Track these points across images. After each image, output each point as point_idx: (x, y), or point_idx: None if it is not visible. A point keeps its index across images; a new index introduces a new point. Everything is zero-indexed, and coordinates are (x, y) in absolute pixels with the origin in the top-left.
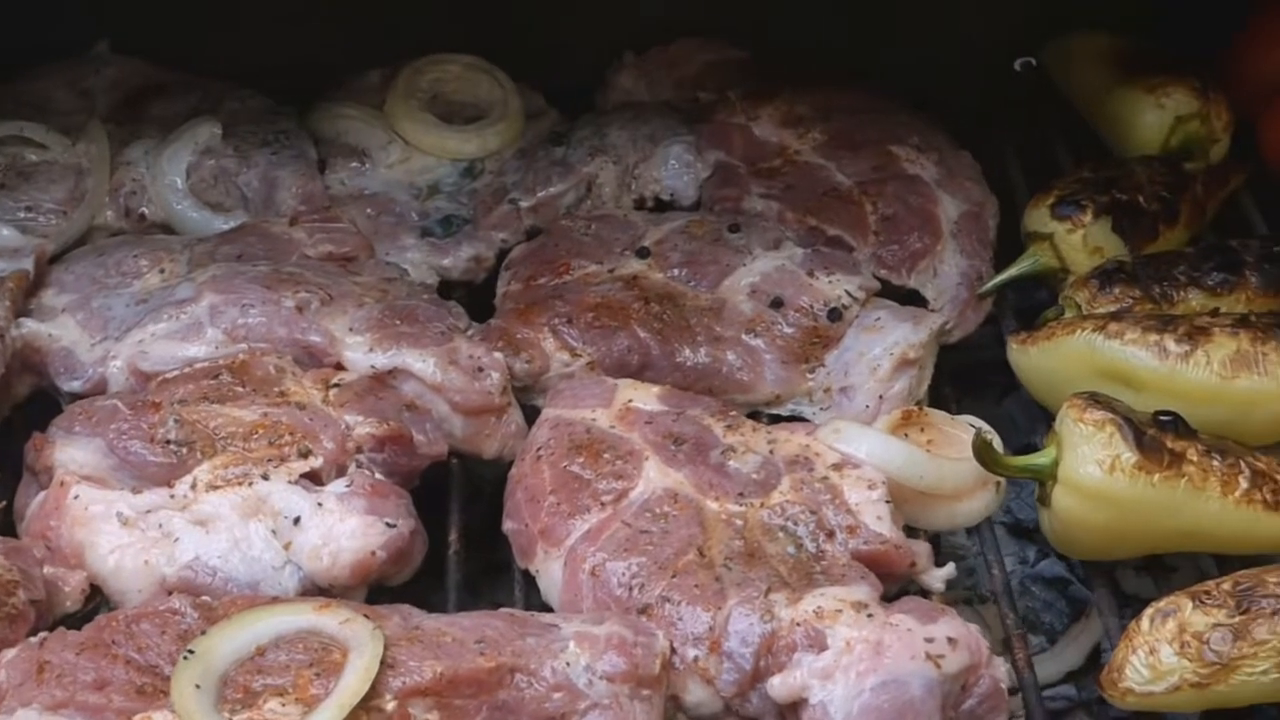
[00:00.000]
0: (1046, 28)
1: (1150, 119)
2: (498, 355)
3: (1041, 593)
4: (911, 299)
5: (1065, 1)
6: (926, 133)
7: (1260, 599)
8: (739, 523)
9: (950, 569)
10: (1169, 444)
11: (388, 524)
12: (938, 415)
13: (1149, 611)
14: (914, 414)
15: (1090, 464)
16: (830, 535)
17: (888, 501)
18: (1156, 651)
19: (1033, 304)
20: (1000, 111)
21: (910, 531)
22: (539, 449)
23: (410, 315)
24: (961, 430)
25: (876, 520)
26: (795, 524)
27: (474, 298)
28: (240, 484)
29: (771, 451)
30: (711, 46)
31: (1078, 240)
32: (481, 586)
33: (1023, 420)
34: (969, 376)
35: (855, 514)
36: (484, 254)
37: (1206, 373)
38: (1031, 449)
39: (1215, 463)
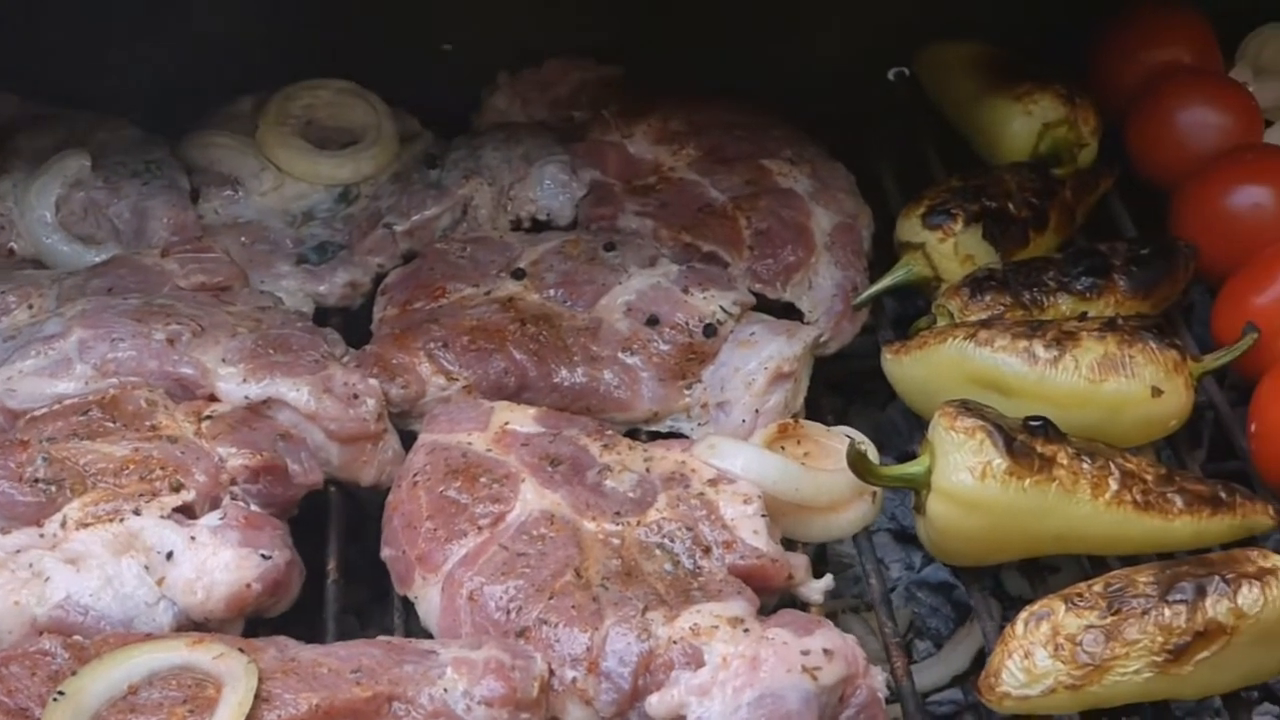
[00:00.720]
0: (921, 37)
1: (1018, 126)
2: (373, 382)
3: (928, 598)
4: (788, 312)
5: (937, 10)
6: (799, 146)
7: (1130, 599)
8: (616, 542)
9: (828, 580)
10: (1039, 449)
11: (263, 556)
12: (814, 427)
13: (1023, 615)
14: (790, 427)
15: (962, 471)
16: (707, 551)
17: (764, 515)
18: (1031, 655)
19: (913, 313)
20: (875, 122)
21: (790, 544)
22: (415, 475)
23: (284, 344)
24: (838, 442)
25: (753, 535)
26: (672, 541)
27: (351, 324)
28: (111, 520)
29: (648, 469)
30: (585, 65)
31: (949, 249)
32: (364, 615)
33: (906, 428)
34: (853, 386)
35: (731, 529)
36: (359, 279)
37: (1075, 377)
38: (913, 457)
39: (1085, 465)
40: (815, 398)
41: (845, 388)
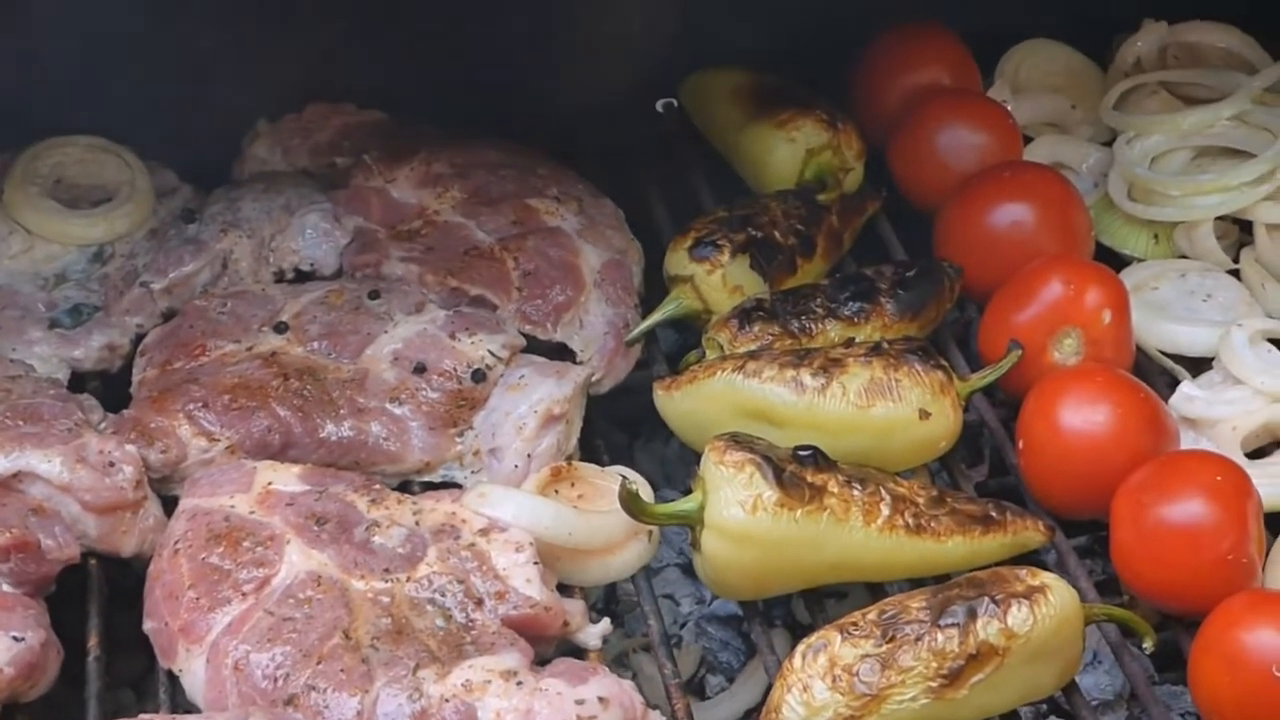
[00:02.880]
0: (687, 66)
1: (782, 154)
2: (130, 448)
3: (718, 632)
4: (560, 352)
5: (702, 39)
6: (566, 183)
7: (904, 625)
8: (386, 600)
9: (605, 625)
10: (809, 478)
11: (14, 638)
12: (588, 469)
13: (800, 648)
14: (563, 470)
15: (733, 506)
16: (479, 603)
17: (536, 563)
18: (810, 688)
19: (695, 346)
20: (646, 155)
21: (569, 589)
22: (176, 542)
23: (34, 414)
24: (612, 482)
25: (526, 583)
26: (443, 595)
27: (111, 388)
28: None
29: (417, 522)
30: (346, 110)
31: (717, 280)
32: (140, 688)
33: (693, 462)
34: (638, 421)
35: (504, 579)
36: (117, 341)
37: (843, 404)
38: None
39: (856, 492)
40: (599, 435)
41: (631, 423)
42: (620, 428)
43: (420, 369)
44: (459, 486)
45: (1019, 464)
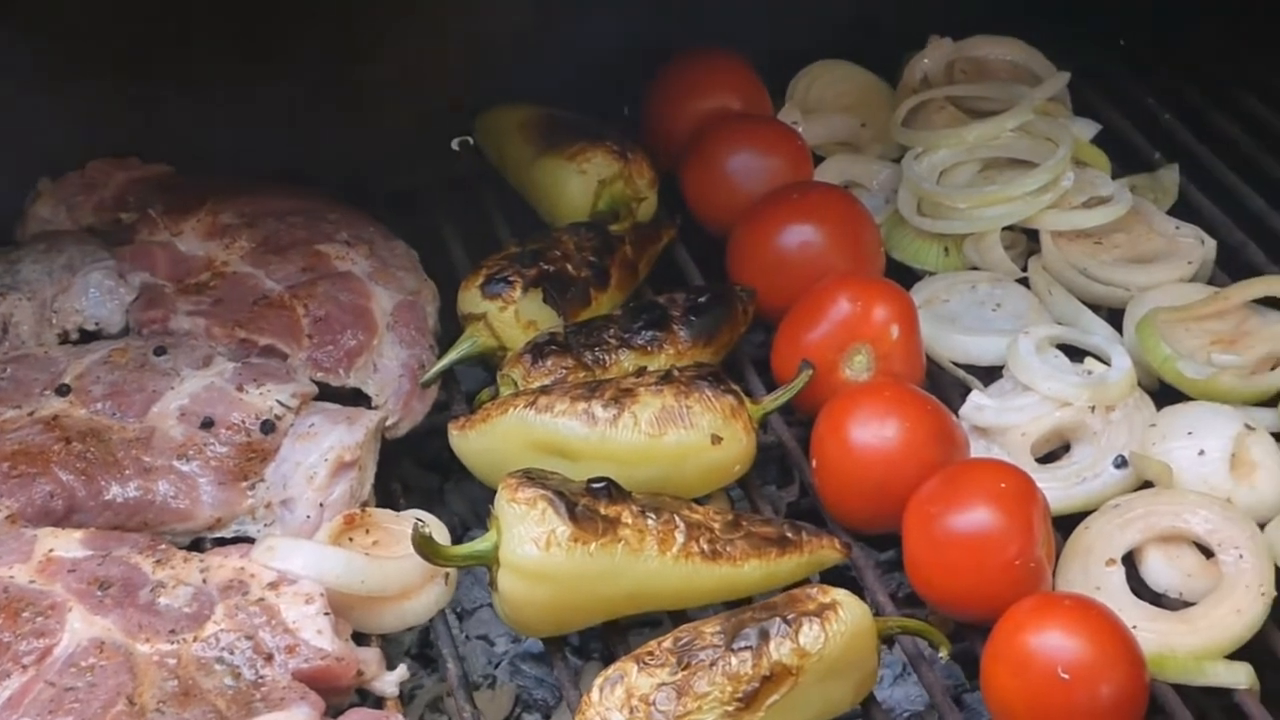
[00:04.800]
0: (481, 103)
1: (574, 186)
2: None
3: (532, 670)
4: (355, 398)
5: (493, 76)
6: (357, 227)
7: (699, 651)
8: (172, 662)
9: (401, 671)
10: (603, 510)
11: None
12: (382, 514)
13: (598, 681)
14: (357, 517)
15: (527, 543)
16: (269, 659)
17: (327, 614)
18: None
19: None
20: (443, 193)
21: (366, 638)
22: None
23: None
24: (408, 526)
25: (317, 635)
26: (231, 653)
27: None
28: None
29: (205, 580)
30: (130, 164)
31: (510, 317)
32: None
33: None
34: (448, 464)
35: (294, 632)
36: None
37: (635, 433)
38: None
39: (650, 522)
40: (397, 479)
41: (441, 465)
42: (430, 470)
43: (208, 424)
44: (252, 541)
45: (814, 482)
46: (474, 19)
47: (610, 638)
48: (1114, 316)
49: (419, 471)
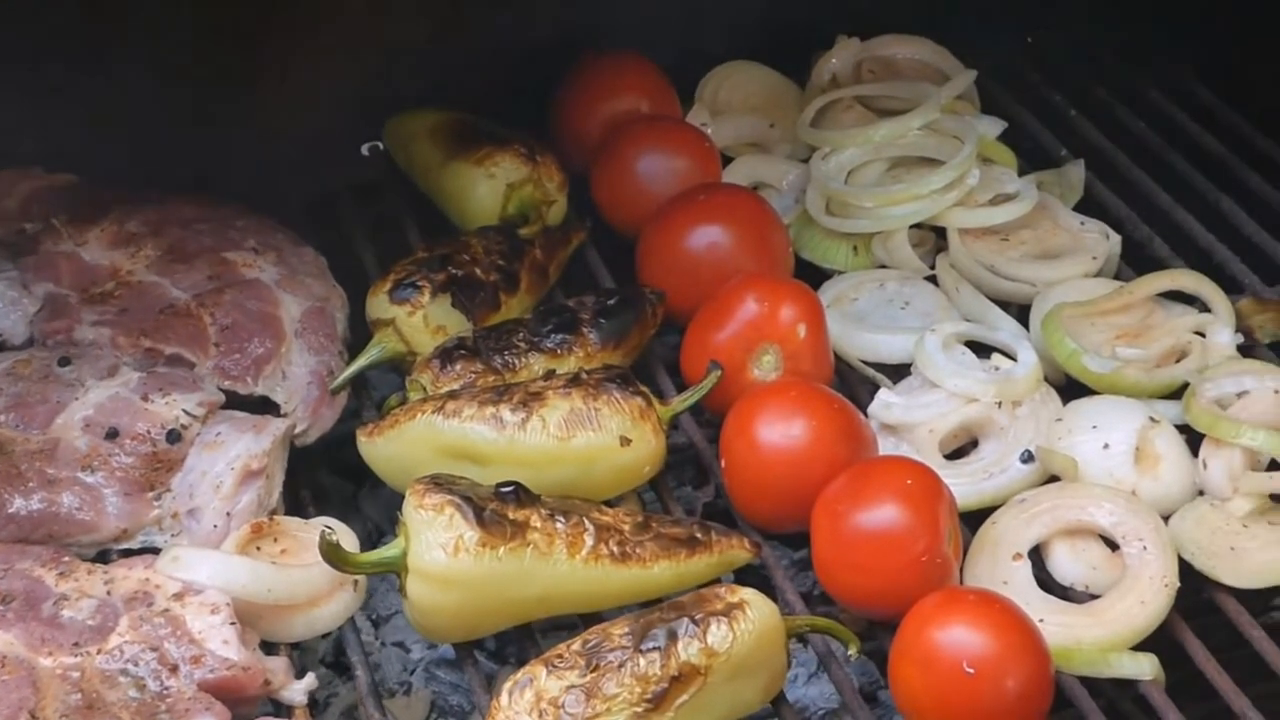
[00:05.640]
0: (391, 108)
1: (483, 190)
2: None
3: (448, 676)
4: (264, 406)
5: (404, 80)
6: (264, 234)
7: (608, 653)
8: (75, 675)
9: (310, 680)
10: (511, 515)
11: None
12: (291, 523)
13: (507, 685)
14: (265, 525)
15: (435, 549)
16: (174, 670)
17: (233, 623)
18: None
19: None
20: (353, 200)
21: (274, 646)
22: None
23: None
24: (316, 534)
25: (222, 645)
26: (136, 665)
27: None
28: None
29: (109, 592)
30: (33, 175)
31: (419, 322)
32: None
33: None
34: (362, 471)
35: (199, 643)
36: None
37: (544, 437)
38: None
39: (559, 525)
40: (306, 486)
41: (356, 472)
42: (345, 477)
43: (113, 434)
44: (158, 552)
45: (724, 482)
46: (382, 23)
47: (524, 642)
48: (1022, 313)
49: (334, 478)
